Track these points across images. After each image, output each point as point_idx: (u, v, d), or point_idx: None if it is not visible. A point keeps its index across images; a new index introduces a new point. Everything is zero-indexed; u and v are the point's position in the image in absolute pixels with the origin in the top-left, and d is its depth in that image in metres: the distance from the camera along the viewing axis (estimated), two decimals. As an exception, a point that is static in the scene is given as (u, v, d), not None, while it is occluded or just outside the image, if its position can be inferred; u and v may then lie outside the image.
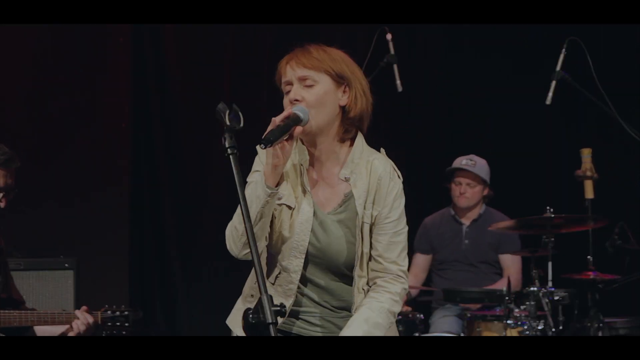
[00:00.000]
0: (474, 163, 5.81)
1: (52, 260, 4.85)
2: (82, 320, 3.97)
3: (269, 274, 2.93)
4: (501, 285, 5.56)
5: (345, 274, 2.91)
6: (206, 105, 4.70)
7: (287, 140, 2.74)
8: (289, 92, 2.86)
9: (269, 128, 2.73)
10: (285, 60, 2.89)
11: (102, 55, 5.88)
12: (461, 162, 5.83)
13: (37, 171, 5.69)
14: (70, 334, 4.02)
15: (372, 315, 2.85)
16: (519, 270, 5.78)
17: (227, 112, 2.58)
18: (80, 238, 5.61)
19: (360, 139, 2.93)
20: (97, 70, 5.87)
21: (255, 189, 2.77)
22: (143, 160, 6.15)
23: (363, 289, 2.91)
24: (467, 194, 5.81)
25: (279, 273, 2.90)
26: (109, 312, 4.04)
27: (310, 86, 2.83)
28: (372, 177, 2.89)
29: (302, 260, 2.86)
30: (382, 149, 2.98)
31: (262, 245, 2.84)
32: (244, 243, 2.78)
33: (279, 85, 2.93)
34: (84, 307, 4.06)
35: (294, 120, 2.75)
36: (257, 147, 2.87)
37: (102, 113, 5.88)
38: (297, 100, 2.81)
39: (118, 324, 4.03)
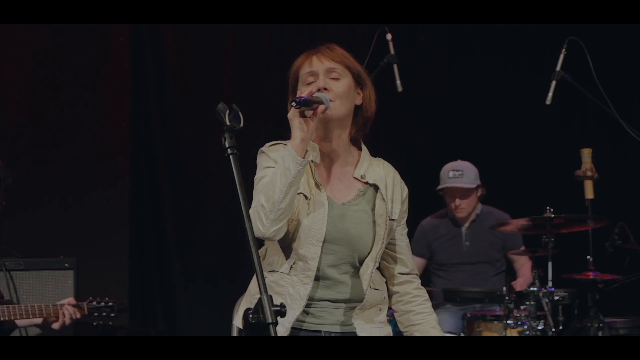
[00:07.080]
0: (461, 173, 5.73)
1: (52, 260, 4.86)
2: (69, 312, 4.08)
3: (282, 264, 2.91)
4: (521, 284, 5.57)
5: (356, 267, 2.93)
6: (206, 105, 4.71)
7: (310, 117, 2.79)
8: (311, 82, 2.91)
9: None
10: (308, 54, 2.96)
11: (102, 55, 5.87)
12: (448, 174, 5.75)
13: (37, 171, 5.69)
14: (55, 325, 4.10)
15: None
16: (530, 266, 5.74)
17: (227, 112, 2.58)
18: (80, 238, 5.61)
19: (364, 147, 3.03)
20: (97, 70, 5.86)
21: (282, 162, 2.79)
22: (143, 160, 6.14)
23: (370, 279, 2.93)
24: (462, 206, 5.78)
25: (294, 262, 2.89)
26: (94, 302, 4.19)
27: (336, 79, 2.91)
28: (388, 176, 3.00)
29: (319, 249, 2.87)
30: (379, 158, 3.08)
31: (285, 225, 2.83)
32: (273, 220, 2.77)
33: (292, 81, 2.97)
34: (71, 298, 4.17)
35: (318, 100, 2.81)
36: (263, 148, 2.95)
37: (102, 113, 5.87)
38: (325, 89, 2.88)
39: (104, 314, 4.21)
